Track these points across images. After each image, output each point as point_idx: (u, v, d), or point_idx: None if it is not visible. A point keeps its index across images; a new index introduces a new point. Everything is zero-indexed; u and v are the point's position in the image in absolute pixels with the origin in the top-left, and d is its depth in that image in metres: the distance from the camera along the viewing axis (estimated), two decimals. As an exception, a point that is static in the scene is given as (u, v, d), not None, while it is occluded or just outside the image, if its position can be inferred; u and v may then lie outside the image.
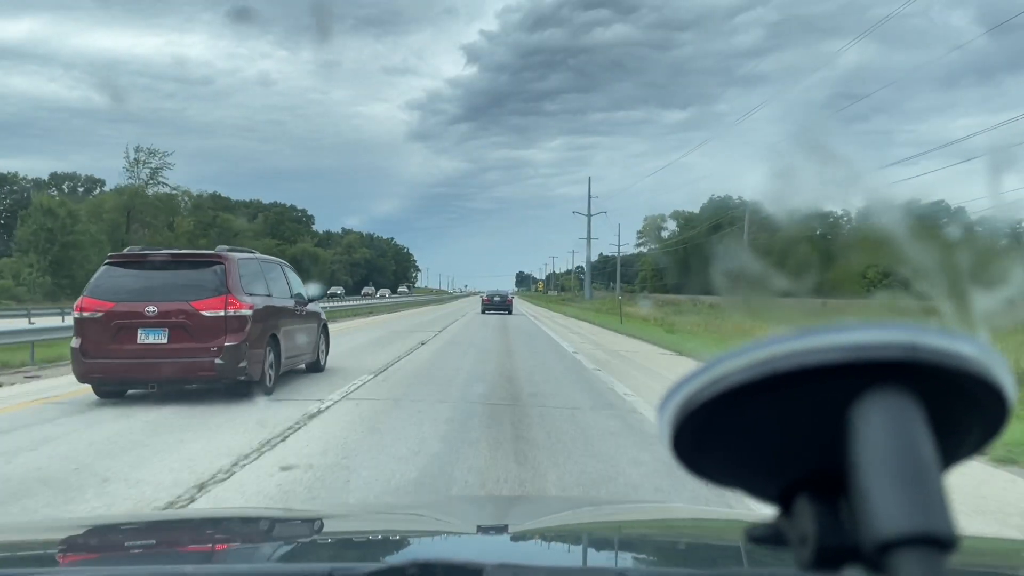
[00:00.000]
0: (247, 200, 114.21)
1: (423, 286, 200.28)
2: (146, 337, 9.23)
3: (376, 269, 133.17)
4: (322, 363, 12.42)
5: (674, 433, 0.54)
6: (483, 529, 1.88)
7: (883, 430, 0.48)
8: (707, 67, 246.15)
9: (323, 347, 12.59)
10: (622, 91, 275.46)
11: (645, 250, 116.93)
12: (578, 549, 1.71)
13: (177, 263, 9.75)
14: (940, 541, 0.45)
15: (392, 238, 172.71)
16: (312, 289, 12.73)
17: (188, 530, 1.87)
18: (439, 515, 2.12)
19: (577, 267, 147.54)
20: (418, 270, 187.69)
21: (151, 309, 9.21)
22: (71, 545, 1.61)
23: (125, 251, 10.02)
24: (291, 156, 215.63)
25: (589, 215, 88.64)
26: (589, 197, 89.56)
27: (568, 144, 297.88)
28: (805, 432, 0.52)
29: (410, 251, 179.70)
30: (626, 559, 1.60)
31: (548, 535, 1.81)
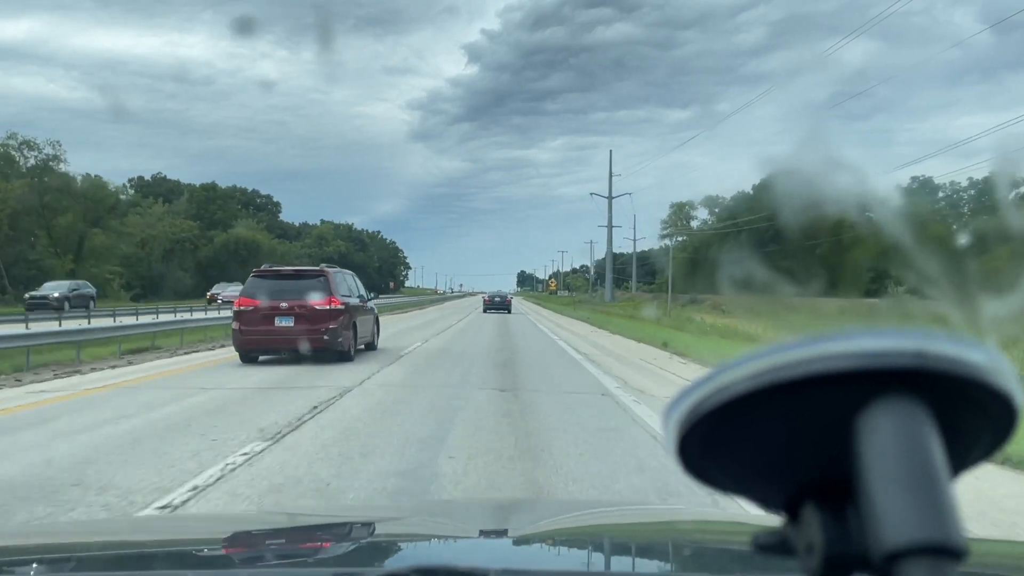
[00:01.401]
0: (199, 183, 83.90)
1: (415, 285, 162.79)
2: (280, 322, 12.04)
3: (355, 266, 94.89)
4: (376, 344, 14.84)
5: (680, 441, 0.48)
6: (485, 533, 1.68)
7: (891, 438, 0.43)
8: (709, 66, 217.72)
9: (376, 333, 14.98)
10: (624, 90, 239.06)
11: (670, 242, 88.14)
12: (581, 553, 1.53)
13: (297, 276, 12.72)
14: (950, 550, 0.40)
15: (379, 232, 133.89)
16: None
17: (187, 534, 1.71)
18: (441, 519, 1.91)
19: (582, 265, 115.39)
20: (408, 268, 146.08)
21: (283, 305, 12.01)
22: (68, 551, 1.44)
23: (263, 267, 13.20)
24: (293, 156, 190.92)
25: (610, 197, 59.10)
26: (611, 175, 59.54)
27: (569, 144, 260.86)
28: (812, 440, 0.46)
29: (398, 245, 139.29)
30: (629, 564, 1.44)
31: (550, 539, 1.61)
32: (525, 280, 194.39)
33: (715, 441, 0.47)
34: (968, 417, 0.45)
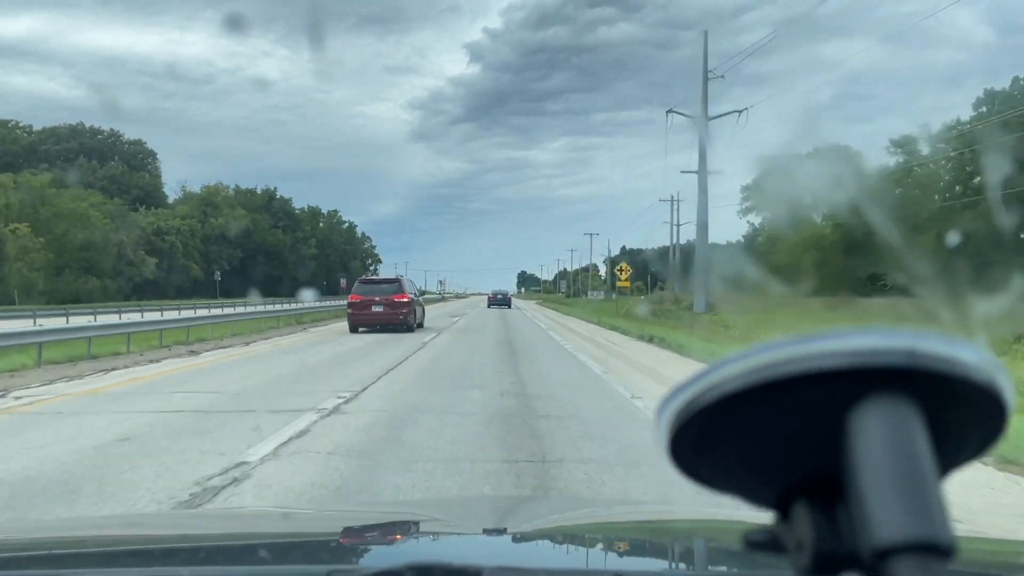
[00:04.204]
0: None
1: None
2: (375, 308, 18.44)
3: (272, 253, 59.34)
4: (423, 324, 21.31)
5: (671, 438, 0.45)
6: (482, 531, 1.55)
7: (881, 436, 0.39)
8: (712, 66, 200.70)
9: (423, 316, 21.45)
10: (625, 91, 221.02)
11: (756, 222, 50.44)
12: (576, 551, 1.43)
13: (384, 281, 20.03)
14: (939, 548, 0.37)
15: (336, 211, 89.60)
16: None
17: (186, 531, 1.59)
18: (439, 516, 1.77)
19: (592, 263, 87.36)
20: (378, 261, 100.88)
21: (377, 298, 18.63)
22: (67, 547, 1.33)
23: (364, 277, 21.41)
24: (293, 156, 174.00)
25: (706, 117, 28.17)
26: (705, 78, 27.66)
27: (570, 145, 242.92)
28: (803, 438, 0.43)
29: (359, 230, 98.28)
30: (623, 561, 1.34)
31: (547, 536, 1.49)
32: (526, 280, 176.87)
33: (707, 439, 0.44)
34: (959, 416, 0.42)
